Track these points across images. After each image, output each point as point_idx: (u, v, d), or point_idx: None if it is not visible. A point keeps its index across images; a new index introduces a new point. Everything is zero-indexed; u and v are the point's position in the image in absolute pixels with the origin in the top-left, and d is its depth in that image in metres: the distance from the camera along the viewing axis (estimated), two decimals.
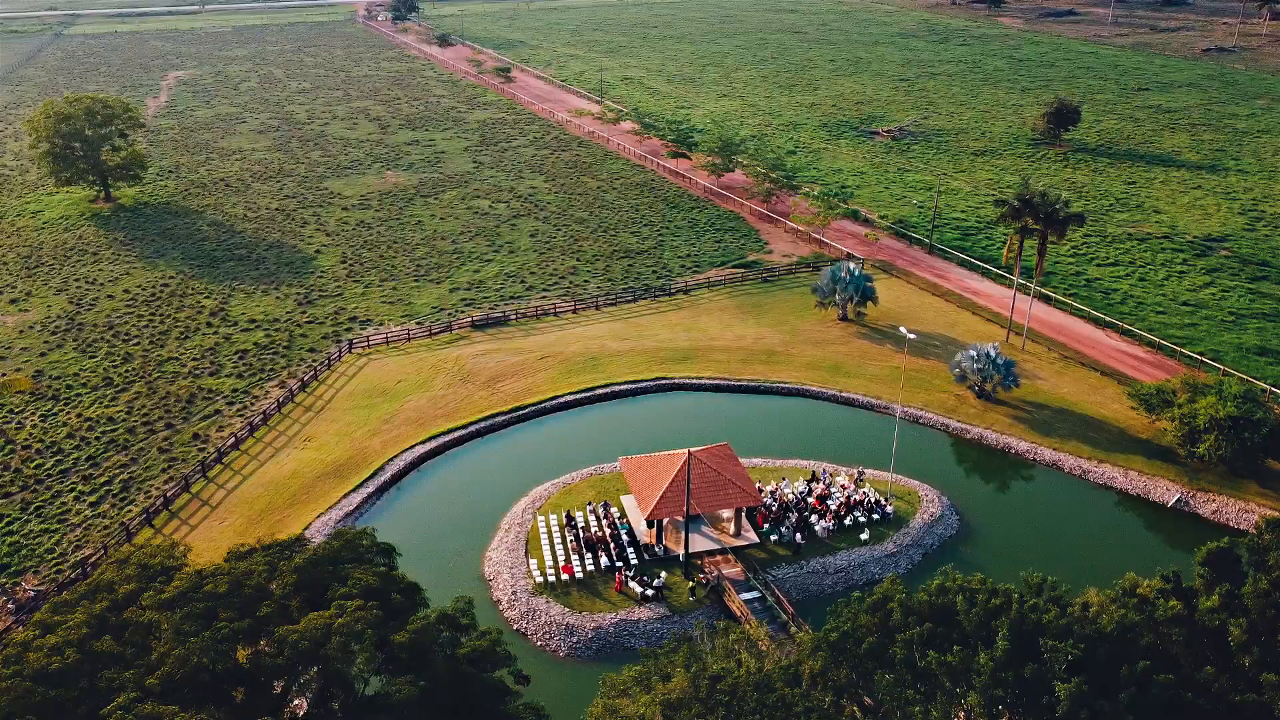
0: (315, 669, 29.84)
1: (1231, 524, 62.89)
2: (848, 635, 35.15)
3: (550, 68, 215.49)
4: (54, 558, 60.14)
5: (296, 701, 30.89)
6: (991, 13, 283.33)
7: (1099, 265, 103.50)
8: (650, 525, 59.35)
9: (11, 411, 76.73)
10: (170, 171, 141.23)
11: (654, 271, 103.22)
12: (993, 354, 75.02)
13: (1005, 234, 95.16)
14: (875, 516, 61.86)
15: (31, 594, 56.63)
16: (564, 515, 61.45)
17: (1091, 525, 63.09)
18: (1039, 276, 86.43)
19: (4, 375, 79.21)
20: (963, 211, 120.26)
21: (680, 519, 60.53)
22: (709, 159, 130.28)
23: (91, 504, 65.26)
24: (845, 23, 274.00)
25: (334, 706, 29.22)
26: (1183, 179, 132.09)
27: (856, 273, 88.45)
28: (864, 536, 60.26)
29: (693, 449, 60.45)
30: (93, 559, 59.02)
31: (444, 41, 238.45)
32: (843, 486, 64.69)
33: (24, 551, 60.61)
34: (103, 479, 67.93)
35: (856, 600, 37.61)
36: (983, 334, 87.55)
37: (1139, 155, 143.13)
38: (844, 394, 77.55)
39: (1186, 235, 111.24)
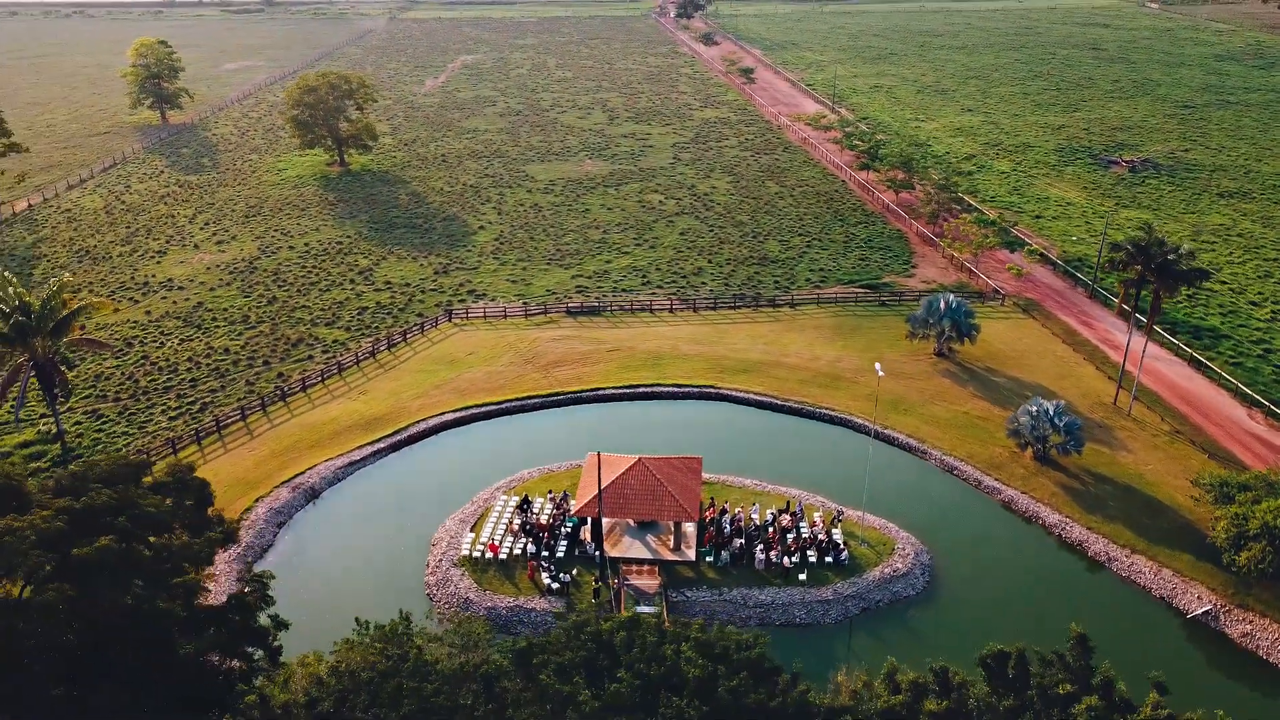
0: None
1: (1260, 653, 52.56)
2: (534, 647, 34.50)
3: (806, 71, 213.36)
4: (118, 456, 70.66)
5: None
6: None
7: None
8: (583, 522, 59.77)
9: (163, 333, 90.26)
10: (406, 144, 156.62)
11: (776, 281, 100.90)
12: (1052, 412, 66.97)
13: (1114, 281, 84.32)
14: (828, 559, 57.98)
15: None
16: (521, 498, 63.19)
17: (1080, 622, 54.83)
18: (1148, 331, 75.44)
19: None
20: None
21: (627, 521, 60.48)
22: (888, 173, 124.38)
23: (170, 418, 75.82)
24: (1158, 41, 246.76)
25: None
26: None
27: (955, 305, 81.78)
28: (802, 577, 56.78)
29: (646, 456, 60.12)
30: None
31: (708, 40, 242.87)
32: (812, 523, 61.11)
33: (100, 446, 71.81)
34: (191, 399, 78.56)
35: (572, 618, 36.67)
36: (1092, 391, 78.06)
37: None
38: (885, 430, 72.47)
39: None
